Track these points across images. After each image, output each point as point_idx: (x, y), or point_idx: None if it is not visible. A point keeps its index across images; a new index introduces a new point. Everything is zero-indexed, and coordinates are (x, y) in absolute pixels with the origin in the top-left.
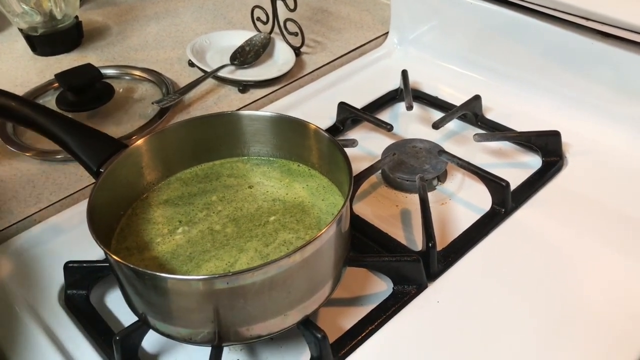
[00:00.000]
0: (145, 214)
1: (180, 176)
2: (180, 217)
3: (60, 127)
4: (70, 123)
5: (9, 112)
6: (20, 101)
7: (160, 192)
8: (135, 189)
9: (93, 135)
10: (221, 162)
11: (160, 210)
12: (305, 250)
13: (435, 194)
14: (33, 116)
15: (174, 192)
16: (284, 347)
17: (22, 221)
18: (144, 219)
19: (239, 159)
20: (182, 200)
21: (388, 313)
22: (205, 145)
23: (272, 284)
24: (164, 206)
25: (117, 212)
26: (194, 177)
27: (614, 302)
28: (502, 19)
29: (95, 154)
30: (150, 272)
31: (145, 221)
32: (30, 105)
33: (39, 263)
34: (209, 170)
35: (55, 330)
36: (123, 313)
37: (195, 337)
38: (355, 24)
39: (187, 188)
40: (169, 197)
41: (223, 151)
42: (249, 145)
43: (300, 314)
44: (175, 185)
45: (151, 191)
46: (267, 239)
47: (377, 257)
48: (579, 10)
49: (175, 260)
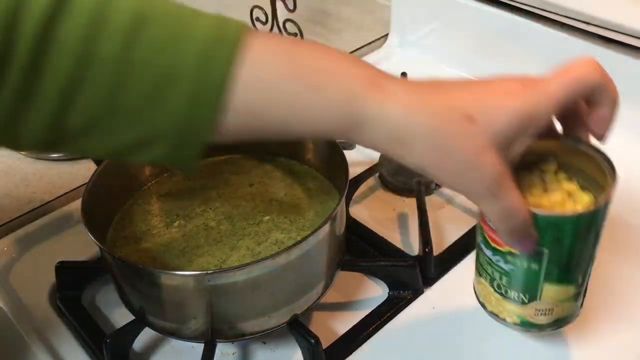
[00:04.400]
0: (146, 205)
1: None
2: (179, 210)
3: None
4: None
5: None
6: None
7: (162, 184)
8: (136, 179)
9: None
10: (225, 158)
11: (160, 202)
12: (292, 252)
13: (432, 198)
14: None
15: (176, 185)
16: (277, 351)
17: (15, 220)
18: (144, 209)
19: (243, 156)
20: (183, 194)
21: (383, 318)
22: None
23: (257, 283)
24: (165, 198)
25: (116, 202)
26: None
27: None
28: (502, 23)
29: None
30: (134, 264)
31: (145, 212)
32: None
33: (30, 263)
34: (213, 165)
35: (46, 332)
36: (115, 314)
37: (183, 332)
38: (356, 26)
39: (188, 182)
40: (170, 190)
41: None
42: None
43: (288, 315)
44: (177, 179)
45: (154, 182)
46: (259, 237)
47: (373, 261)
48: (580, 15)
49: (168, 254)
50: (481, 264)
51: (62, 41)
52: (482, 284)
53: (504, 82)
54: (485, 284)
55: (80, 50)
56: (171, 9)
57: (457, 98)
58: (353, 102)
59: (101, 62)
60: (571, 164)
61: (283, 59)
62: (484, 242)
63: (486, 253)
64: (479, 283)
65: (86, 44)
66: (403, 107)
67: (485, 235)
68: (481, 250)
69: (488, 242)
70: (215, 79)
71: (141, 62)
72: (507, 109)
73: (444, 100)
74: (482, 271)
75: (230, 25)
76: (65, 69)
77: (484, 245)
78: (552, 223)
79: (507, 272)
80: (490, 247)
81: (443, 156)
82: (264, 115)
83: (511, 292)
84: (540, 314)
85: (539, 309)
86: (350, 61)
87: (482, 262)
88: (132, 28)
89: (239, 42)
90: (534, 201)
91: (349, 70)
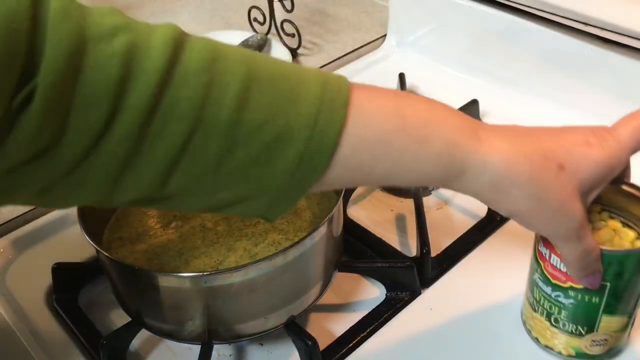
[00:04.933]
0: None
1: None
2: (176, 211)
3: None
4: None
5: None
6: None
7: None
8: None
9: None
10: None
11: None
12: (289, 253)
13: (430, 199)
14: None
15: None
16: (274, 353)
17: (11, 221)
18: (140, 210)
19: None
20: None
21: (380, 320)
22: None
23: (254, 284)
24: None
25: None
26: None
27: None
28: (500, 23)
29: None
30: (130, 265)
31: (142, 212)
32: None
33: (27, 264)
34: None
35: (42, 333)
36: (111, 316)
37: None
38: (353, 26)
39: None
40: None
41: None
42: None
43: (285, 316)
44: None
45: None
46: (256, 238)
47: (370, 262)
48: (578, 16)
49: (165, 255)
50: (537, 300)
51: (173, 107)
52: (537, 319)
53: (579, 132)
54: (540, 318)
55: (192, 115)
56: (275, 67)
57: (548, 147)
58: (456, 153)
59: (213, 127)
60: (611, 201)
61: (388, 114)
62: (542, 279)
63: (544, 290)
64: (532, 318)
65: (198, 109)
66: (503, 157)
67: (545, 273)
68: (537, 287)
69: (548, 279)
70: (328, 139)
71: (253, 125)
72: (591, 159)
73: (538, 149)
74: (537, 306)
75: (334, 82)
76: (175, 135)
77: (542, 282)
78: (616, 259)
79: (567, 306)
80: (551, 284)
81: (538, 203)
82: (369, 168)
83: (569, 325)
84: (595, 344)
85: (595, 340)
86: (449, 112)
87: (539, 298)
88: (243, 91)
89: (347, 101)
90: None
91: (451, 122)
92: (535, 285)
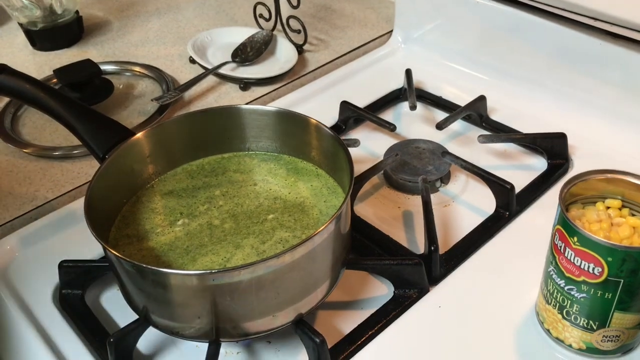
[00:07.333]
0: (149, 203)
1: (187, 167)
2: (182, 209)
3: (70, 112)
4: (81, 108)
5: (22, 93)
6: (34, 83)
7: (165, 183)
8: (140, 177)
9: (102, 121)
10: (229, 156)
11: (164, 200)
12: (297, 251)
13: (438, 195)
14: (45, 99)
15: (179, 183)
16: (282, 350)
17: (18, 218)
18: (147, 207)
19: (247, 153)
20: (186, 193)
21: (388, 317)
22: (211, 138)
23: (261, 282)
24: (168, 197)
25: (119, 199)
26: (200, 169)
27: None
28: (508, 18)
29: (102, 140)
30: (137, 263)
31: (149, 210)
32: (42, 87)
33: (34, 261)
34: (216, 164)
35: (49, 331)
36: (118, 314)
37: (187, 331)
38: (359, 22)
39: (192, 181)
40: (173, 188)
41: (229, 145)
42: (255, 141)
43: (292, 314)
44: (181, 177)
45: (157, 180)
46: (264, 236)
47: (378, 259)
48: (587, 11)
49: (172, 253)
50: (550, 292)
51: None
52: (550, 311)
53: None
54: (553, 311)
55: None
56: None
57: None
58: None
59: None
60: (633, 199)
61: None
62: (556, 271)
63: (558, 282)
64: (545, 310)
65: None
66: None
67: (559, 265)
68: (552, 279)
69: (562, 272)
70: None
71: None
72: None
73: None
74: (550, 299)
75: None
76: None
77: (556, 275)
78: (633, 255)
79: (579, 300)
80: (564, 277)
81: None
82: None
83: (580, 319)
84: (607, 340)
85: (606, 336)
86: None
87: (552, 290)
88: None
89: None
90: (605, 235)
91: None
92: (550, 277)
